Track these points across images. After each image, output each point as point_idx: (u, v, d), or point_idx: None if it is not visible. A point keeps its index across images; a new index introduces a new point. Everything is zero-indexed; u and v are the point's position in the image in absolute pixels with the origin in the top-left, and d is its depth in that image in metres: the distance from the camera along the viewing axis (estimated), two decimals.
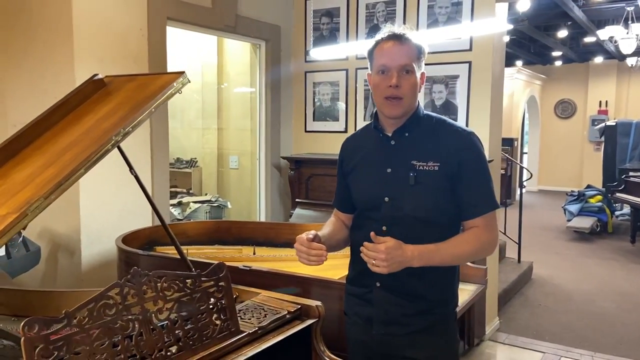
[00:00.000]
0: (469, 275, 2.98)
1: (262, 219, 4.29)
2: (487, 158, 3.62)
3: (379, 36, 1.66)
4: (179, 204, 4.25)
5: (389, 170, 1.67)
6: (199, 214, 4.19)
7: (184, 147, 5.27)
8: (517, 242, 5.79)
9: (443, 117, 1.76)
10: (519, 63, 11.52)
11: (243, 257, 2.89)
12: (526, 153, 13.26)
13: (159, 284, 1.49)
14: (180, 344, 1.50)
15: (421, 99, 4.11)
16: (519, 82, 11.65)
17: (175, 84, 1.78)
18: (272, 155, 4.27)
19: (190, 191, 4.78)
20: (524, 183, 7.63)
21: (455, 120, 3.88)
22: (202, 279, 1.61)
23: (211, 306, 1.61)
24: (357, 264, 1.70)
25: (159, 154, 3.35)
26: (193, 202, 4.24)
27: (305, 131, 4.40)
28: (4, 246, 2.77)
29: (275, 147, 4.29)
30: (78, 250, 3.02)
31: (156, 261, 2.52)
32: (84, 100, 1.87)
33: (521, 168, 7.83)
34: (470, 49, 3.75)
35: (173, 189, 4.97)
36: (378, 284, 1.67)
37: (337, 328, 1.97)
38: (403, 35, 1.61)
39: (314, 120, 4.37)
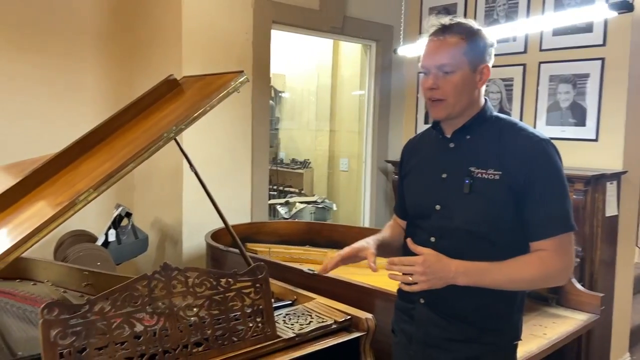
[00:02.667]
0: (580, 302, 2.61)
1: (367, 223, 4.20)
2: (621, 168, 3.22)
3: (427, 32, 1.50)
4: (286, 203, 4.34)
5: (444, 175, 1.51)
6: (304, 214, 4.25)
7: (299, 148, 5.39)
8: None
9: (514, 120, 1.53)
10: None
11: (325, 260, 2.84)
12: None
13: (189, 280, 1.50)
14: (208, 342, 1.49)
15: (544, 100, 3.73)
16: None
17: (232, 83, 1.79)
18: (378, 158, 4.17)
19: (302, 192, 4.87)
20: None
21: (583, 125, 3.43)
22: (239, 278, 1.59)
23: (246, 307, 1.59)
24: None
25: (259, 153, 3.44)
26: (299, 202, 4.31)
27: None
28: (114, 232, 3.07)
29: (382, 150, 4.18)
30: (180, 241, 3.23)
31: (235, 257, 2.57)
32: (157, 100, 1.97)
33: None
34: (604, 44, 3.27)
35: (288, 189, 5.12)
36: (422, 301, 1.51)
37: None
38: (444, 30, 1.43)
39: (425, 123, 4.17)
